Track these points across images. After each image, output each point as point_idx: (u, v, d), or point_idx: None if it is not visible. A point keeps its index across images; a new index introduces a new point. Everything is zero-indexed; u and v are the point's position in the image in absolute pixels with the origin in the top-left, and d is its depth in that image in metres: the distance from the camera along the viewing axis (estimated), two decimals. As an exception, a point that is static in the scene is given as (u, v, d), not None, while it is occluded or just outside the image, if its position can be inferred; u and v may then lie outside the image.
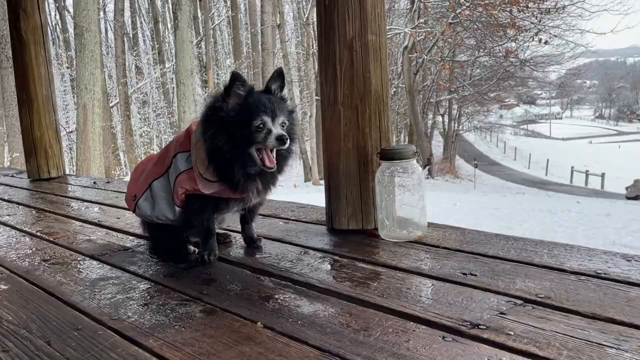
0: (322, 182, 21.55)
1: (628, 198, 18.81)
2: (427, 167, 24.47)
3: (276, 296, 1.77)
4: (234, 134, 1.94)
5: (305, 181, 22.88)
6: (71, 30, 26.12)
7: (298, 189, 19.38)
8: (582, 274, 1.75)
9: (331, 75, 2.42)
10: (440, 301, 1.62)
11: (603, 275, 1.73)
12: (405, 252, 2.12)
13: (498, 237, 2.22)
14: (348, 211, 2.47)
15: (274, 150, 2.00)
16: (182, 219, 2.20)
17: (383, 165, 2.30)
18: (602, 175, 29.33)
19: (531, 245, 2.08)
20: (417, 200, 2.28)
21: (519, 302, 1.58)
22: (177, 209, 2.19)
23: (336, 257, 2.13)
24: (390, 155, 2.26)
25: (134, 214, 2.37)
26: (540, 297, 1.59)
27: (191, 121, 2.26)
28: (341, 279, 1.87)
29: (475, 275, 1.81)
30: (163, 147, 2.58)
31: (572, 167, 33.28)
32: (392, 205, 2.32)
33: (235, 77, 1.93)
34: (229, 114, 1.95)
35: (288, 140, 1.95)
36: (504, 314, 1.50)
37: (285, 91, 2.15)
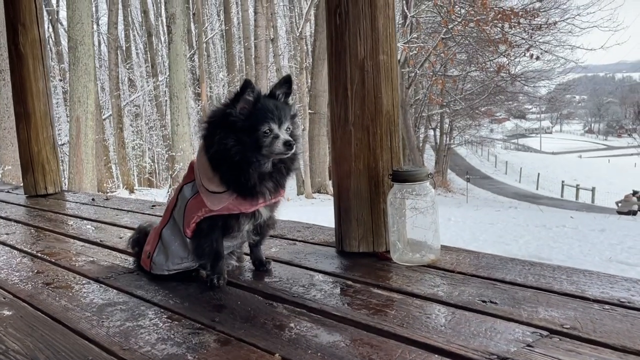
0: (315, 195, 21.54)
1: (619, 213, 18.87)
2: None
3: (291, 325, 1.71)
4: (241, 138, 1.94)
5: (298, 194, 22.80)
6: (64, 43, 26.10)
7: (291, 202, 19.32)
8: (605, 303, 1.71)
9: (342, 96, 2.38)
10: (462, 332, 1.58)
11: (627, 304, 1.68)
12: (420, 277, 2.08)
13: (514, 262, 2.17)
14: (359, 233, 2.42)
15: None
16: (193, 247, 2.15)
17: (395, 187, 2.26)
18: (593, 190, 29.51)
19: (549, 271, 2.04)
20: (430, 223, 2.24)
21: (545, 333, 1.53)
22: (188, 241, 2.14)
23: (349, 282, 2.08)
24: (403, 177, 2.22)
25: (152, 272, 2.28)
26: (566, 328, 1.55)
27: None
28: (357, 307, 1.82)
29: (496, 303, 1.76)
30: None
31: (563, 182, 33.47)
32: (404, 227, 2.28)
33: (247, 85, 1.94)
34: (238, 118, 1.94)
35: (295, 146, 1.97)
36: (531, 346, 1.45)
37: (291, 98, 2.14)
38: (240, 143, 1.95)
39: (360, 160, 2.38)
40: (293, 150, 1.97)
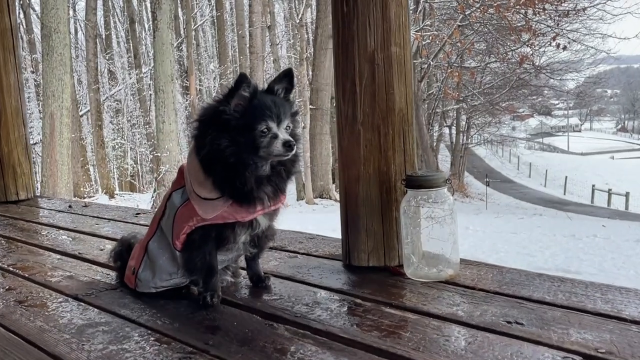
0: (317, 201, 21.55)
1: (657, 221, 18.85)
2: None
3: (294, 348, 1.72)
4: (236, 138, 1.94)
5: (297, 200, 22.80)
6: (37, 30, 26.17)
7: (291, 208, 19.34)
8: (645, 324, 1.71)
9: (350, 92, 2.39)
10: (485, 356, 1.58)
11: (670, 325, 1.69)
12: (437, 295, 2.08)
13: (541, 278, 2.18)
14: (368, 245, 2.42)
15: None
16: (184, 261, 2.15)
17: (409, 193, 2.26)
18: (627, 195, 29.45)
19: (581, 288, 2.04)
20: (448, 234, 2.24)
21: (577, 358, 1.54)
22: (178, 254, 2.15)
23: (358, 300, 2.09)
24: (418, 182, 2.22)
25: (137, 290, 2.28)
26: (602, 353, 1.55)
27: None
28: (367, 328, 1.82)
29: (522, 324, 1.77)
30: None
31: (593, 186, 33.42)
32: (419, 239, 2.28)
33: (243, 79, 1.95)
34: (233, 116, 1.95)
35: (295, 146, 1.97)
36: (563, 373, 1.45)
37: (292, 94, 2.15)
38: (234, 143, 1.95)
39: (370, 163, 2.38)
40: (293, 152, 1.97)
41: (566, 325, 1.73)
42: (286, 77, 2.09)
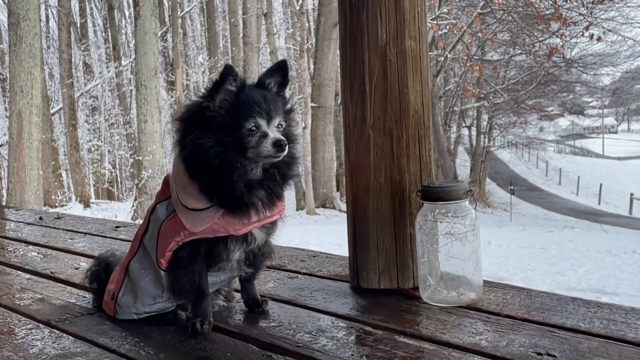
0: (319, 211, 21.56)
1: None
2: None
3: (296, 383, 1.71)
4: (221, 137, 1.95)
5: (297, 210, 22.84)
6: (3, 17, 26.25)
7: (289, 219, 19.33)
8: (695, 357, 1.71)
9: (358, 91, 2.40)
10: (514, 393, 1.57)
11: None
12: (458, 322, 2.08)
13: (575, 303, 2.18)
14: (379, 265, 2.42)
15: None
16: (169, 282, 2.15)
17: (426, 206, 2.26)
18: (670, 205, 29.45)
19: (620, 314, 2.04)
20: (470, 253, 2.24)
21: (618, 395, 1.53)
22: (163, 275, 2.15)
23: (367, 328, 2.09)
24: (435, 194, 2.22)
25: (116, 317, 2.29)
26: (646, 390, 1.54)
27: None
28: (379, 360, 1.82)
29: (554, 356, 1.77)
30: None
31: (632, 195, 33.38)
32: (437, 258, 2.29)
33: (228, 72, 1.96)
34: (217, 113, 1.96)
35: (287, 146, 1.96)
36: (601, 413, 1.45)
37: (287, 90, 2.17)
38: (219, 143, 1.96)
39: (381, 172, 2.39)
40: (285, 152, 1.96)
41: (604, 358, 1.73)
42: (279, 70, 2.10)
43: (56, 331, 2.25)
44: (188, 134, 1.99)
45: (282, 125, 2.04)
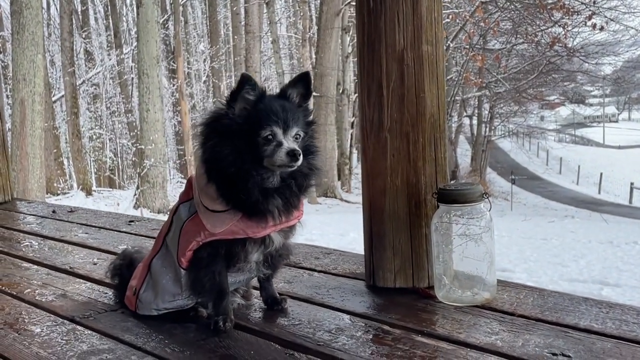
0: (321, 200, 21.57)
1: None
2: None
3: (320, 382, 1.77)
4: (238, 145, 1.99)
5: (299, 199, 22.92)
6: (5, 5, 26.14)
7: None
8: None
9: (375, 95, 2.44)
10: (531, 394, 1.63)
11: None
12: (473, 322, 2.13)
13: (588, 303, 2.23)
14: (395, 264, 2.48)
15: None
16: (190, 281, 2.20)
17: (441, 208, 2.31)
18: (671, 195, 29.46)
19: (633, 315, 2.09)
20: (484, 253, 2.30)
21: (633, 396, 1.59)
22: (182, 274, 2.20)
23: (385, 327, 2.14)
24: (451, 197, 2.27)
25: (137, 312, 2.35)
26: (659, 391, 1.60)
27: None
28: (399, 359, 1.87)
29: (569, 356, 1.82)
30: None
31: (632, 184, 33.38)
32: (451, 258, 2.34)
33: (245, 80, 2.00)
34: (235, 121, 2.00)
35: (301, 156, 1.98)
36: (617, 414, 1.51)
37: (311, 103, 2.18)
38: (236, 151, 2.00)
39: (397, 174, 2.44)
40: (299, 162, 1.99)
41: (618, 359, 1.78)
42: (301, 81, 2.13)
43: (81, 327, 2.30)
44: (209, 139, 2.05)
45: (299, 135, 2.06)
